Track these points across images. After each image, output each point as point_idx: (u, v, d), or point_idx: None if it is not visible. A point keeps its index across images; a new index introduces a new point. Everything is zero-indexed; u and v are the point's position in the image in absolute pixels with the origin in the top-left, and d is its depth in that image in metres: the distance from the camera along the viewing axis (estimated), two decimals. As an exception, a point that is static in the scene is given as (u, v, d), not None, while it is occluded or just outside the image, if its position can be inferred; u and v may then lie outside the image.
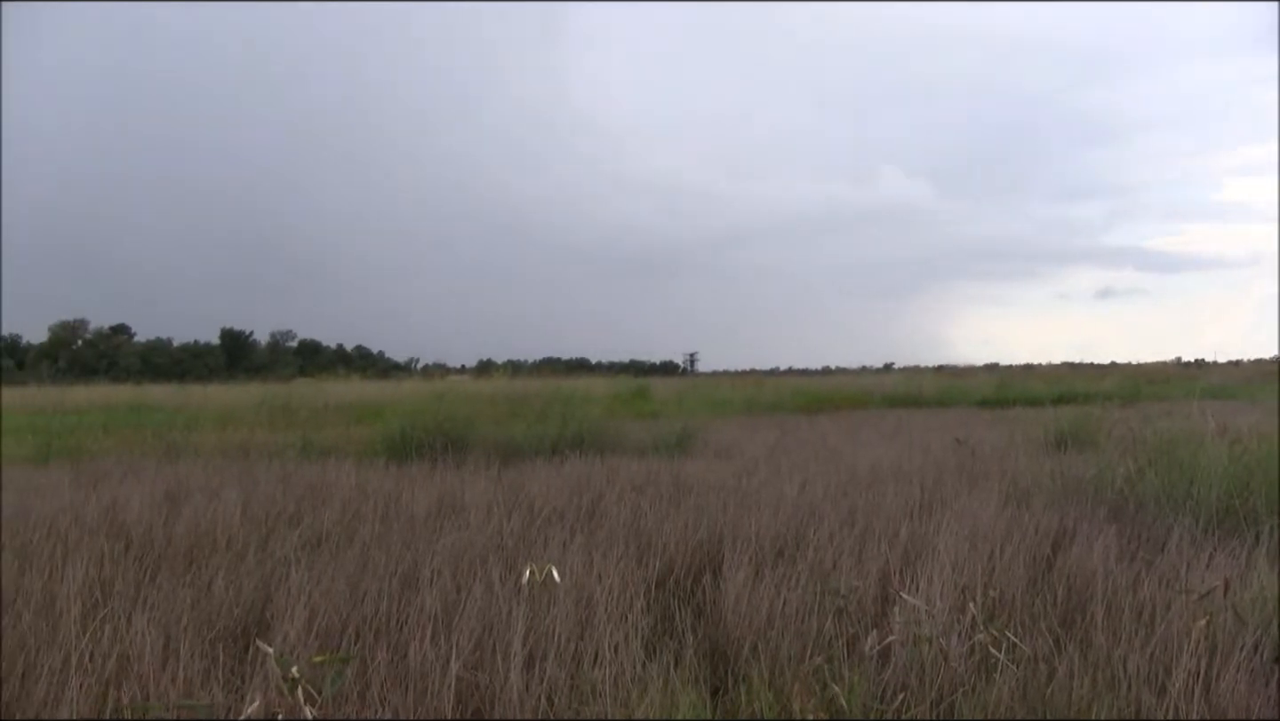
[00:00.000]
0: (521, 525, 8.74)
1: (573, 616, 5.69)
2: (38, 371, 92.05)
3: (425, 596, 6.12)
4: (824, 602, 6.01)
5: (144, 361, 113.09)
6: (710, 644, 5.78)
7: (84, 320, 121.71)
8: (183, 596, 6.23)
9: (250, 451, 17.45)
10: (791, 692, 4.74)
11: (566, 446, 16.08)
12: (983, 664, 5.05)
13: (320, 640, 5.53)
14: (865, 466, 13.23)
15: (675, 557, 7.69)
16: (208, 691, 4.78)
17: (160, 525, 8.95)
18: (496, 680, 4.94)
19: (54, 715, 4.61)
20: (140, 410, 32.05)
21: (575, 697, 4.86)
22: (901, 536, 7.93)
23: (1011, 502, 9.63)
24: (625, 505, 9.54)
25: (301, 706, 3.76)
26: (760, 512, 8.97)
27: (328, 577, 6.63)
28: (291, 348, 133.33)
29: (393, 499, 10.52)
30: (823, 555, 7.33)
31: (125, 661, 5.09)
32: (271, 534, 8.72)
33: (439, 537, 8.12)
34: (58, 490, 11.49)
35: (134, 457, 16.56)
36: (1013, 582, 6.58)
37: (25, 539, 8.33)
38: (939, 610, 5.58)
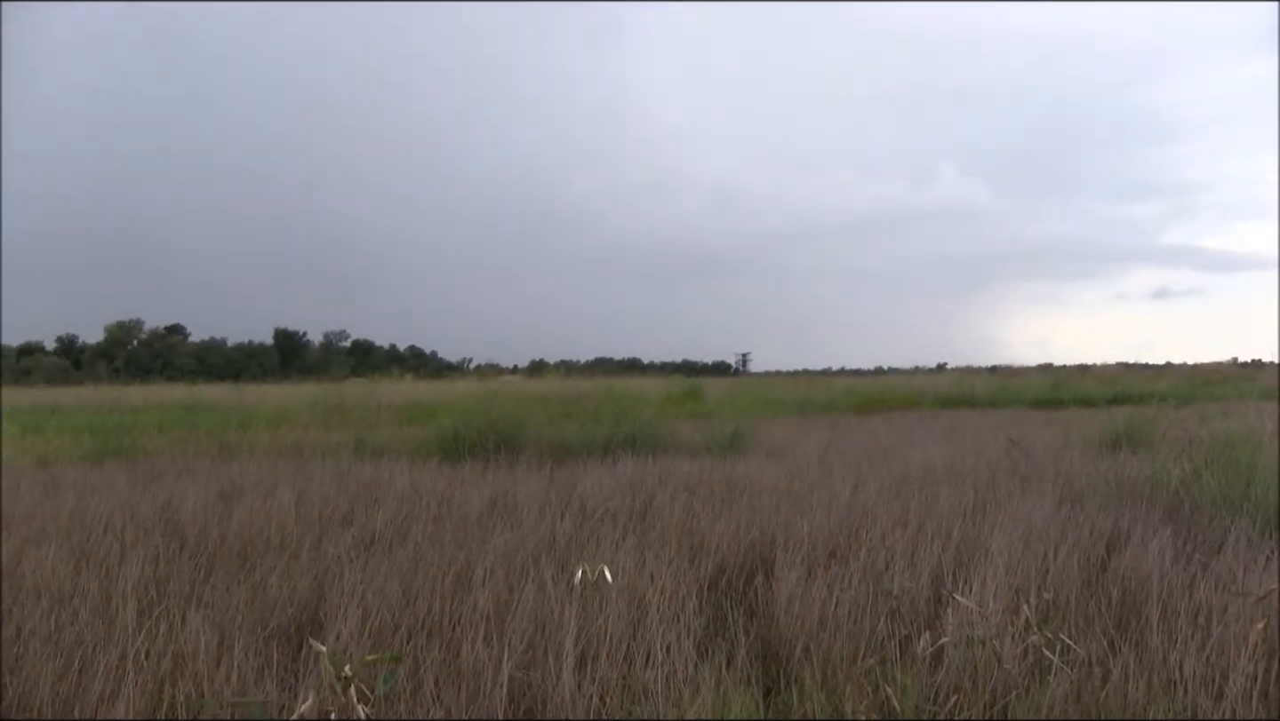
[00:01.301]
0: (574, 525, 8.74)
1: (625, 616, 5.68)
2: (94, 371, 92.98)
3: (478, 596, 6.13)
4: (876, 604, 5.99)
5: (198, 361, 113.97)
6: (762, 644, 5.77)
7: (140, 320, 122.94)
8: (237, 595, 6.28)
9: (304, 451, 17.54)
10: (844, 694, 4.74)
11: (619, 446, 16.07)
12: (1036, 666, 5.02)
13: (373, 639, 5.55)
14: (918, 467, 13.17)
15: (727, 558, 7.67)
16: (262, 689, 4.80)
17: (215, 524, 9.02)
18: (549, 680, 4.94)
19: (110, 711, 4.65)
20: (195, 410, 32.21)
21: (627, 698, 4.86)
22: (954, 537, 7.88)
23: (1065, 504, 9.55)
24: (677, 505, 9.53)
25: (354, 705, 3.78)
26: (812, 513, 8.94)
27: (380, 577, 6.65)
28: (345, 348, 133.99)
29: (445, 498, 10.54)
30: (875, 556, 7.30)
31: (180, 659, 5.12)
32: (325, 533, 8.76)
33: (491, 537, 8.13)
34: (114, 489, 11.58)
35: (189, 457, 16.69)
36: (1067, 584, 6.52)
37: (82, 537, 8.41)
38: (992, 611, 5.54)
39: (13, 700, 4.77)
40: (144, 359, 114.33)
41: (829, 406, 35.81)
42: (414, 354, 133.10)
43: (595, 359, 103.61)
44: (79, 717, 4.68)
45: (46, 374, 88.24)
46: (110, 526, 8.93)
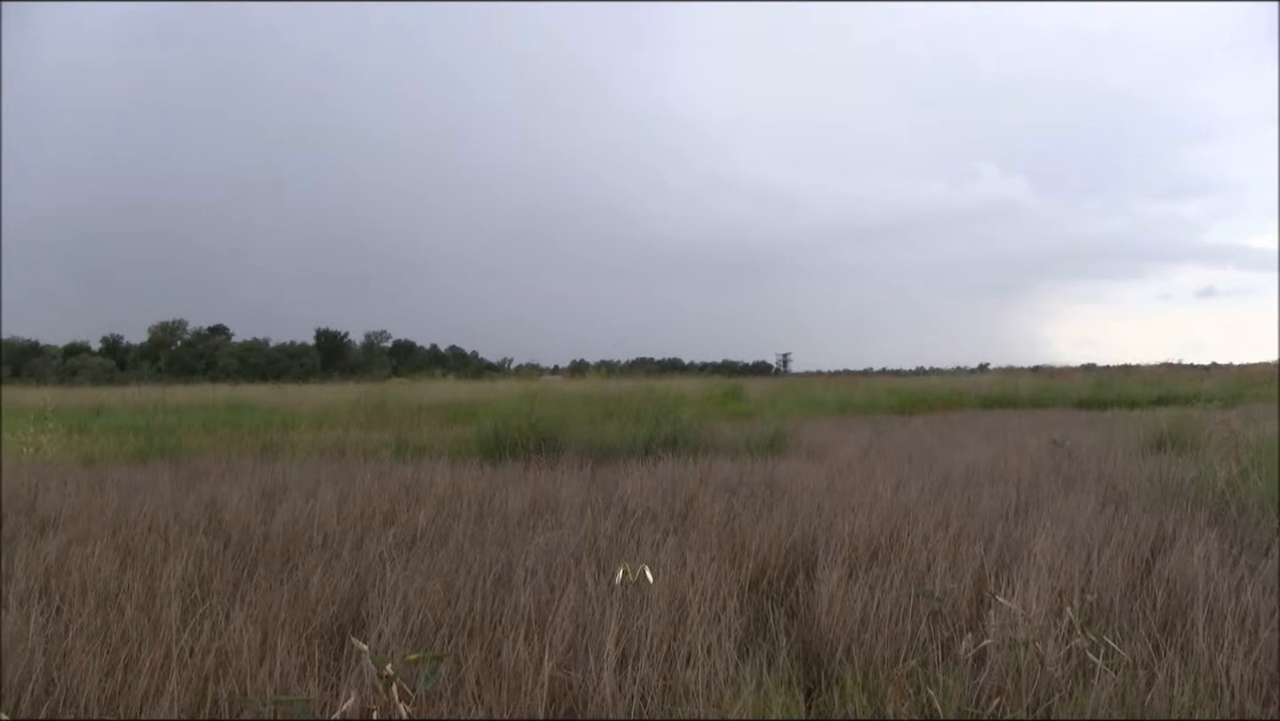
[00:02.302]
0: (615, 525, 8.74)
1: (666, 617, 5.68)
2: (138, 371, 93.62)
3: (519, 595, 6.15)
4: (918, 605, 5.97)
5: (241, 361, 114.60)
6: (803, 645, 5.76)
7: (183, 321, 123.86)
8: (280, 593, 6.30)
9: (346, 450, 17.61)
10: (885, 695, 4.72)
11: (659, 446, 16.07)
12: (1080, 669, 4.99)
13: (414, 638, 5.56)
14: (960, 468, 13.12)
15: (768, 558, 7.66)
16: (304, 687, 4.82)
17: (258, 523, 9.07)
18: (589, 680, 4.94)
19: (155, 707, 4.68)
20: (238, 409, 32.42)
21: (668, 698, 4.86)
22: (997, 539, 7.85)
23: (1109, 505, 9.49)
24: (718, 506, 9.53)
25: (396, 704, 3.79)
26: (854, 514, 8.92)
27: (422, 576, 6.67)
28: (386, 348, 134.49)
29: (486, 498, 10.57)
30: (917, 557, 7.28)
31: (224, 657, 5.16)
32: (367, 532, 8.80)
33: (532, 537, 8.15)
34: (158, 488, 11.65)
35: (232, 456, 16.75)
36: (1110, 586, 6.48)
37: (127, 535, 8.47)
38: (1035, 614, 5.51)
39: (59, 695, 4.81)
40: (187, 359, 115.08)
41: (870, 406, 35.75)
42: (455, 354, 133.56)
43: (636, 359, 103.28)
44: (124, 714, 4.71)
45: (92, 374, 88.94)
46: (155, 525, 8.99)
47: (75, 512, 9.80)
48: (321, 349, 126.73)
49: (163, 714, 4.62)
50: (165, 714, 4.62)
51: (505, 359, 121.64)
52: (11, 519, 9.71)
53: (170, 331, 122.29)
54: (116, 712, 4.72)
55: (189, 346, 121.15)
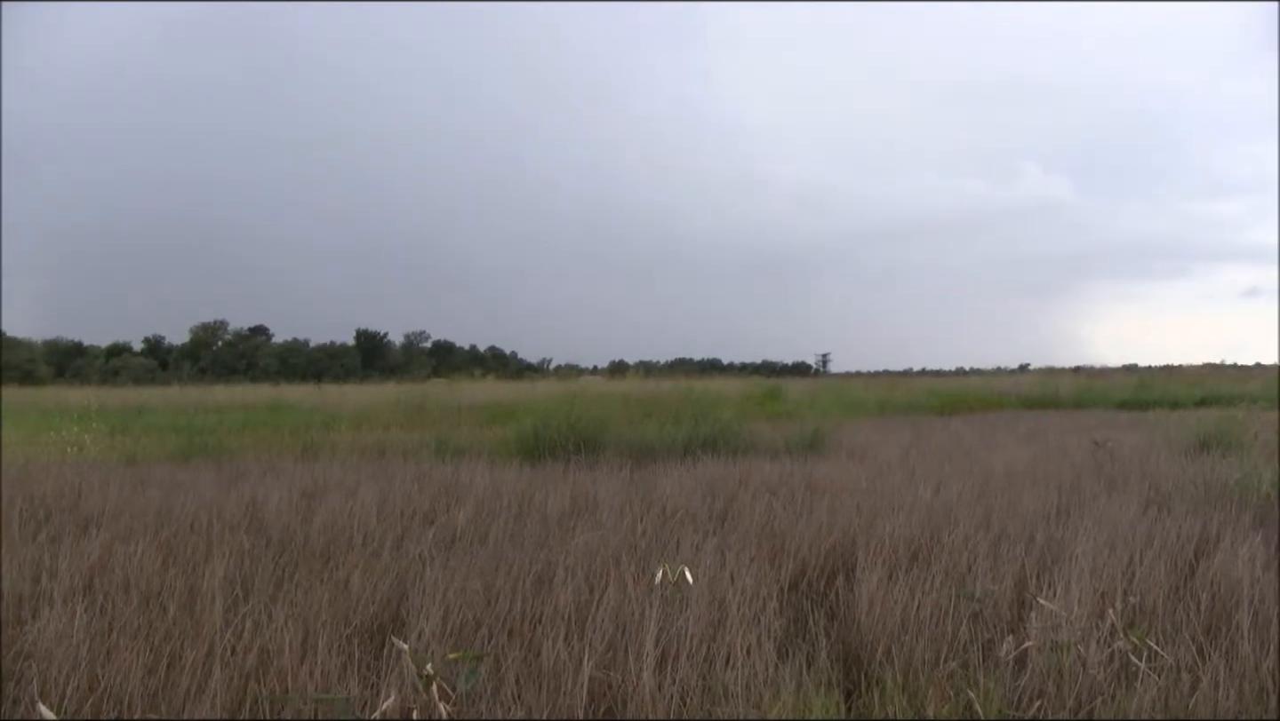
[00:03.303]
0: (654, 526, 8.74)
1: (705, 617, 5.67)
2: (180, 371, 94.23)
3: (559, 596, 6.15)
4: (959, 607, 5.94)
5: (281, 362, 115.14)
6: (843, 647, 5.74)
7: (224, 322, 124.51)
8: (320, 593, 6.32)
9: (385, 451, 17.67)
10: (926, 697, 4.70)
11: (699, 447, 16.07)
12: (1122, 672, 4.96)
13: (454, 638, 5.57)
14: (1000, 469, 13.07)
15: (808, 559, 7.65)
16: (344, 686, 4.84)
17: (298, 522, 9.11)
18: (629, 680, 4.94)
19: (196, 705, 4.70)
20: (278, 410, 32.55)
21: (708, 699, 4.85)
22: (1038, 540, 7.81)
23: (1152, 507, 9.43)
24: (758, 506, 9.51)
25: (436, 703, 3.80)
26: (894, 515, 8.89)
27: (462, 576, 6.68)
28: (425, 348, 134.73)
29: (526, 498, 10.59)
30: (957, 558, 7.25)
31: (265, 655, 5.18)
32: (407, 532, 8.83)
33: (572, 537, 8.15)
34: (200, 487, 11.72)
35: (273, 456, 16.84)
36: (1153, 589, 6.43)
37: (169, 534, 8.53)
38: (1077, 616, 5.48)
39: (103, 692, 4.84)
40: (228, 359, 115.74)
41: (910, 407, 35.66)
42: (494, 354, 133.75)
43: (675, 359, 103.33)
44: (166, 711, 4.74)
45: (134, 374, 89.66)
46: (196, 524, 9.05)
47: (118, 511, 9.87)
48: (361, 349, 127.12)
49: (205, 711, 4.64)
50: (207, 711, 4.64)
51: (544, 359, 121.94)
52: (56, 517, 9.79)
53: (211, 332, 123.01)
54: (159, 710, 4.74)
55: (230, 347, 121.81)
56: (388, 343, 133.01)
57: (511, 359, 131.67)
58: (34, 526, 9.18)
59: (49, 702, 4.45)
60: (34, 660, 5.16)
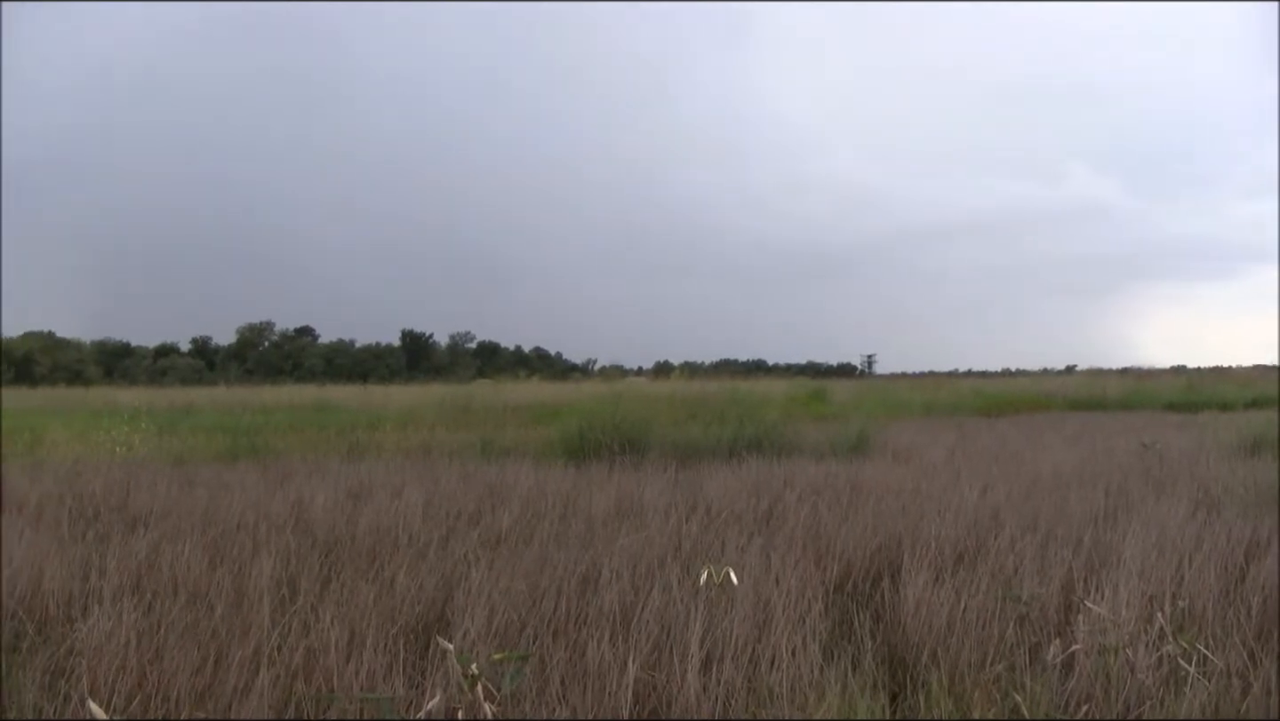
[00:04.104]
0: (699, 527, 8.74)
1: (750, 619, 5.66)
2: (227, 372, 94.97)
3: (604, 596, 6.16)
4: (1005, 609, 5.91)
5: (327, 362, 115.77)
6: (889, 649, 5.73)
7: (270, 322, 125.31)
8: (366, 592, 6.34)
9: (431, 451, 17.74)
10: (972, 700, 4.68)
11: (744, 448, 16.05)
12: (1172, 676, 4.91)
13: (499, 638, 5.58)
14: (1047, 471, 12.99)
15: (853, 561, 7.64)
16: (390, 685, 4.85)
17: (344, 522, 9.16)
18: (674, 681, 4.94)
19: (243, 704, 4.72)
20: (324, 410, 32.70)
21: (752, 700, 4.84)
22: (1085, 543, 7.76)
23: (1201, 510, 9.36)
24: (803, 508, 9.49)
25: (481, 703, 3.81)
26: (940, 517, 8.86)
27: (507, 576, 6.69)
28: (470, 349, 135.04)
29: (571, 499, 10.60)
30: (1004, 561, 7.21)
31: (311, 655, 5.20)
32: (452, 532, 8.85)
33: (617, 538, 8.16)
34: (246, 487, 11.79)
35: (318, 456, 16.93)
36: (1203, 593, 6.37)
37: (216, 534, 8.58)
38: (1125, 619, 5.43)
39: (150, 690, 4.87)
40: (274, 360, 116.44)
41: (956, 408, 35.49)
42: (539, 355, 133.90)
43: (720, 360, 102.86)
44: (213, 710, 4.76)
45: (181, 374, 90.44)
46: (243, 523, 9.11)
47: (166, 511, 9.95)
48: (407, 350, 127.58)
49: (251, 710, 4.67)
50: (254, 710, 4.66)
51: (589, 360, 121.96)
52: (105, 516, 9.88)
53: (258, 333, 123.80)
54: (206, 708, 4.77)
55: (276, 347, 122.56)
56: (433, 343, 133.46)
57: (556, 359, 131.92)
58: (83, 525, 9.27)
59: (98, 700, 4.47)
60: (83, 657, 5.21)
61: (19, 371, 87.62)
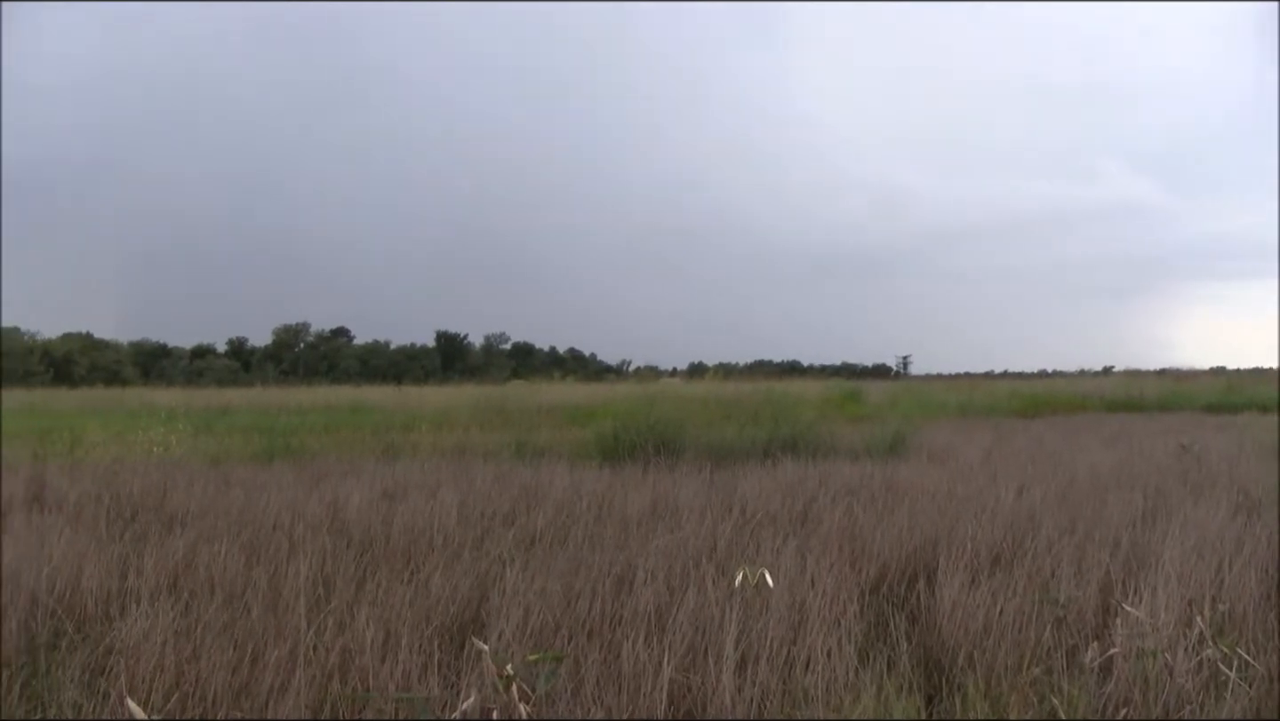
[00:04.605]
0: (734, 528, 8.72)
1: (785, 620, 5.65)
2: (263, 373, 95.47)
3: (639, 597, 6.15)
4: (1042, 612, 5.88)
5: (362, 363, 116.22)
6: (924, 651, 5.71)
7: (306, 324, 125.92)
8: (401, 593, 6.35)
9: (466, 452, 17.77)
10: (1008, 703, 4.65)
11: (778, 449, 16.02)
12: (1211, 681, 4.87)
13: (534, 638, 5.59)
14: (1084, 472, 12.92)
15: (889, 563, 7.61)
16: (425, 685, 4.86)
17: (379, 523, 9.18)
18: (709, 682, 4.93)
19: (279, 703, 4.74)
20: (359, 411, 32.82)
21: (787, 702, 4.83)
22: (1123, 545, 7.71)
23: (1241, 513, 9.29)
24: (838, 509, 9.46)
25: (516, 703, 3.80)
26: (976, 518, 8.82)
27: (542, 577, 6.70)
28: (505, 350, 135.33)
29: (606, 500, 10.60)
30: (1041, 563, 7.17)
31: (347, 654, 5.21)
32: (487, 533, 8.86)
33: (652, 539, 8.15)
34: (282, 488, 11.83)
35: (354, 457, 16.99)
36: (1243, 597, 6.33)
37: (252, 534, 8.62)
38: (1163, 623, 5.39)
39: (188, 688, 4.90)
40: (310, 361, 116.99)
41: (991, 409, 35.31)
42: (573, 356, 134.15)
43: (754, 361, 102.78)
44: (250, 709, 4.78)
45: (217, 375, 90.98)
46: (279, 524, 9.14)
47: (202, 511, 10.01)
48: (441, 351, 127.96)
49: (288, 710, 4.68)
50: (290, 710, 4.68)
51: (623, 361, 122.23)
52: (142, 516, 9.94)
53: (294, 334, 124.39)
54: (243, 707, 4.79)
55: (312, 348, 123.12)
56: (468, 344, 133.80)
57: (591, 360, 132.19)
58: (121, 525, 9.32)
59: (136, 698, 4.49)
60: (122, 656, 5.23)
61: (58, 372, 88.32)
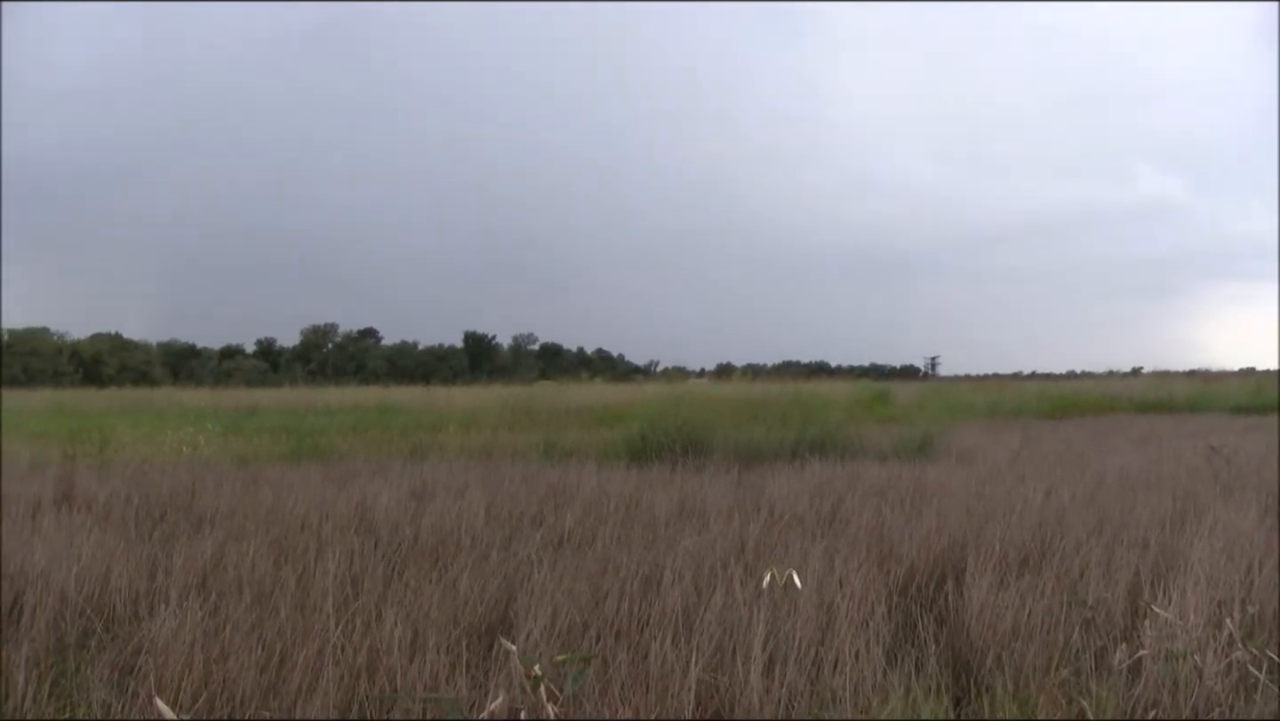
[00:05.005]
0: (762, 529, 8.71)
1: (813, 621, 5.65)
2: (291, 373, 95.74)
3: (666, 598, 6.15)
4: (1071, 613, 5.86)
5: (390, 364, 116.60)
6: (952, 652, 5.69)
7: (334, 324, 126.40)
8: (429, 593, 6.37)
9: (493, 452, 17.80)
10: (1037, 704, 4.64)
11: (806, 450, 16.00)
12: (1241, 683, 4.85)
13: (562, 639, 5.59)
14: (1113, 474, 12.87)
15: (917, 564, 7.60)
16: (453, 686, 4.87)
17: (407, 523, 9.20)
18: (736, 683, 4.93)
19: (308, 703, 4.76)
20: (387, 411, 32.88)
21: (815, 703, 4.82)
22: (1151, 547, 7.68)
23: (1271, 514, 9.25)
24: (866, 510, 9.45)
25: (544, 704, 3.81)
26: (1004, 520, 8.80)
27: (569, 578, 6.71)
28: (533, 350, 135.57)
29: (633, 501, 10.60)
30: (1069, 564, 7.15)
31: (375, 654, 5.23)
32: (514, 534, 8.88)
33: (679, 540, 8.15)
34: (310, 488, 11.86)
35: (381, 457, 17.01)
36: (1273, 599, 6.29)
37: (280, 534, 8.65)
38: (1193, 625, 5.37)
39: (216, 688, 4.92)
40: (338, 361, 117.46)
41: (1020, 411, 35.16)
42: (601, 357, 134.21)
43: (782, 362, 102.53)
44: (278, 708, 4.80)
45: (246, 376, 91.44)
46: (307, 524, 9.17)
47: (231, 511, 10.04)
48: (469, 351, 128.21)
49: (316, 709, 4.70)
50: (318, 709, 4.70)
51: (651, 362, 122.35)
52: (171, 515, 9.99)
53: (322, 334, 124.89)
54: (271, 707, 4.81)
55: (340, 349, 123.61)
56: (495, 345, 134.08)
57: (618, 361, 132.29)
58: (150, 524, 9.37)
59: (165, 697, 4.51)
60: (150, 655, 5.26)
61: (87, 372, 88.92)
